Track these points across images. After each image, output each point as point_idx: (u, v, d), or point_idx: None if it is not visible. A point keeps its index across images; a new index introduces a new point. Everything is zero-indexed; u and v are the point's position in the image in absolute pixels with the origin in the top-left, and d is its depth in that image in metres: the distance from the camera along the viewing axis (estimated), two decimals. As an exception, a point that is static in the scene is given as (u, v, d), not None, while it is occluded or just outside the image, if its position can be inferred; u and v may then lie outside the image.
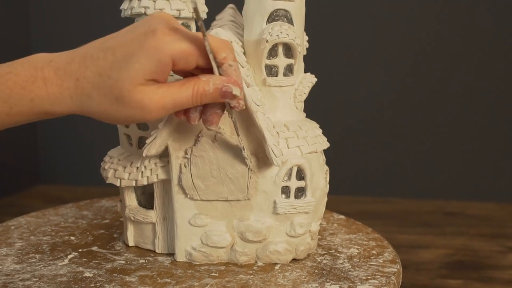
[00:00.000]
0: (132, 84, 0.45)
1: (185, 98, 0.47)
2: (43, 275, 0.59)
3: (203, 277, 0.58)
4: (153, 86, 0.46)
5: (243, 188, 0.60)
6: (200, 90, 0.48)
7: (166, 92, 0.46)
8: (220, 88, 0.48)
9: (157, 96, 0.46)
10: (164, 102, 0.46)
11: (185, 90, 0.47)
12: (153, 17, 0.47)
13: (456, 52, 1.89)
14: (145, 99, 0.45)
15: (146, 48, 0.45)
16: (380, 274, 0.60)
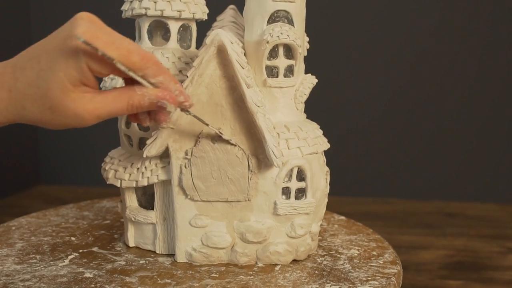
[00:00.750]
0: (62, 92, 0.45)
1: (120, 109, 0.48)
2: (44, 275, 0.59)
3: (204, 278, 0.59)
4: (87, 95, 0.46)
5: (243, 189, 0.60)
6: (136, 104, 0.48)
7: (100, 103, 0.46)
8: (156, 102, 0.49)
9: (91, 106, 0.46)
10: (99, 113, 0.47)
11: (120, 102, 0.47)
12: (75, 19, 0.46)
13: (456, 53, 1.89)
14: (79, 108, 0.45)
15: (66, 55, 0.44)
16: (381, 275, 0.60)
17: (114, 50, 0.45)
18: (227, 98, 0.58)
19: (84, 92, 0.46)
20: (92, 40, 0.44)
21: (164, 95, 0.49)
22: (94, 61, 0.45)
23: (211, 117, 0.59)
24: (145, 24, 0.64)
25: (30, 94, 0.45)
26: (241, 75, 0.56)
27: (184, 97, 0.51)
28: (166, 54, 0.63)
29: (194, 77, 0.57)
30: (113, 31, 0.47)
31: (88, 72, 0.45)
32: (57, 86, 0.44)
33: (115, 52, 0.45)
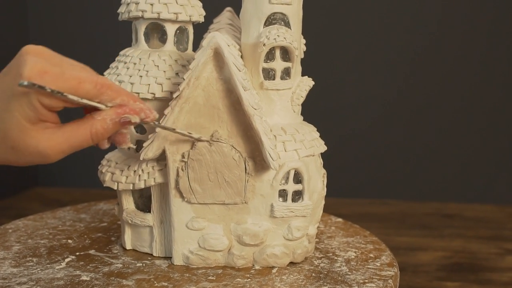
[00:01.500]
0: (20, 132, 0.44)
1: (84, 141, 0.47)
2: (40, 278, 0.59)
3: (200, 280, 0.58)
4: (47, 131, 0.45)
5: (240, 191, 0.60)
6: (100, 131, 0.47)
7: (61, 137, 0.45)
8: (118, 120, 0.48)
9: (52, 142, 0.45)
10: (62, 148, 0.46)
11: (82, 133, 0.46)
12: (21, 55, 0.44)
13: (454, 55, 1.89)
14: (40, 146, 0.45)
15: (17, 96, 0.44)
16: (378, 277, 0.60)
17: (64, 82, 0.44)
18: (223, 101, 0.58)
19: (44, 128, 0.45)
20: (40, 76, 0.43)
21: (124, 110, 0.48)
22: (45, 97, 0.44)
23: (207, 119, 0.59)
24: (142, 27, 0.64)
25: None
26: (237, 77, 0.56)
27: (145, 114, 0.50)
28: (163, 56, 0.63)
29: (190, 80, 0.57)
30: (63, 60, 0.46)
31: (42, 109, 0.44)
32: (15, 126, 0.44)
33: (65, 84, 0.44)
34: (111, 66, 0.65)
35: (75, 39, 2.04)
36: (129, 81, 0.62)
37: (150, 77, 0.61)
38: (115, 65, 0.65)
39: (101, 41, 1.98)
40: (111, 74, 0.64)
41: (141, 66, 0.62)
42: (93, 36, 2.01)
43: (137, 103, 0.49)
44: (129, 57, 0.64)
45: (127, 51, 0.65)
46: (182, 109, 0.58)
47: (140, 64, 0.63)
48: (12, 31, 1.99)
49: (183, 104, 0.58)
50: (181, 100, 0.58)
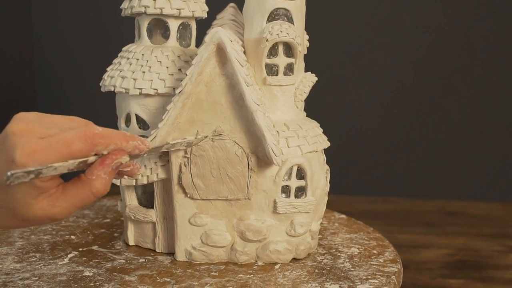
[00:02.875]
0: (27, 208, 0.45)
1: (87, 199, 0.47)
2: (43, 274, 0.59)
3: (203, 276, 0.58)
4: (51, 198, 0.46)
5: (243, 187, 0.60)
6: (100, 188, 0.47)
7: (65, 203, 0.46)
8: (111, 170, 0.47)
9: (58, 208, 0.46)
10: (68, 211, 0.46)
11: (84, 195, 0.47)
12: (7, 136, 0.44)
13: (458, 54, 1.89)
14: (48, 213, 0.45)
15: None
16: (381, 273, 0.60)
17: (55, 153, 0.44)
18: (226, 96, 0.58)
19: (47, 197, 0.46)
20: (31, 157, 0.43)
21: (111, 159, 0.47)
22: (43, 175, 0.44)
23: (210, 115, 0.59)
24: (145, 23, 0.64)
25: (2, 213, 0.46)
26: (240, 73, 0.56)
27: (139, 150, 0.49)
28: (166, 52, 0.63)
29: (193, 75, 0.57)
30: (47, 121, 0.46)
31: (42, 183, 0.45)
32: (20, 205, 0.45)
33: (56, 154, 0.44)
34: (114, 62, 0.65)
35: (78, 35, 2.04)
36: (131, 76, 0.62)
37: (153, 73, 0.61)
38: (117, 61, 0.65)
39: (103, 37, 1.98)
40: (113, 69, 0.64)
41: (143, 62, 0.62)
42: (96, 32, 2.01)
43: (130, 142, 0.48)
44: (132, 53, 0.64)
45: (130, 47, 0.65)
46: (185, 104, 0.58)
47: (143, 60, 0.62)
48: (16, 27, 1.99)
49: (186, 100, 0.58)
50: (183, 95, 0.58)
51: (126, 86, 0.62)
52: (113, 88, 0.63)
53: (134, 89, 0.61)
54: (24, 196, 0.44)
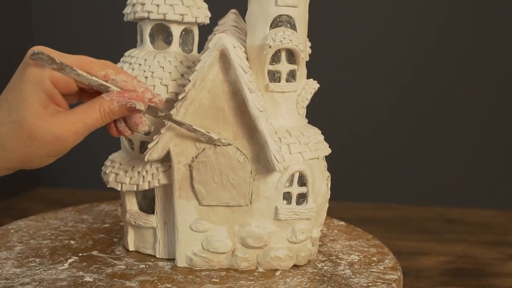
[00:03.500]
0: (36, 117, 0.45)
1: (95, 119, 0.49)
2: (43, 279, 0.58)
3: (204, 282, 0.58)
4: (60, 114, 0.47)
5: (244, 193, 0.60)
6: (107, 110, 0.49)
7: (74, 118, 0.47)
8: (125, 104, 0.49)
9: (67, 123, 0.47)
10: (77, 128, 0.48)
11: (93, 112, 0.48)
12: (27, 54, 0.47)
13: (457, 59, 1.89)
14: (55, 129, 0.46)
15: (27, 81, 0.46)
16: (381, 281, 0.60)
17: (70, 61, 0.47)
18: (229, 103, 0.58)
19: (57, 112, 0.47)
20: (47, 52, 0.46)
21: (131, 95, 0.50)
22: (57, 76, 0.46)
23: (213, 121, 0.59)
24: (147, 28, 0.64)
25: (7, 132, 0.46)
26: (243, 79, 0.56)
27: (152, 94, 0.52)
28: (168, 58, 0.63)
29: (196, 81, 0.57)
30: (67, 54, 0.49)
31: (53, 89, 0.47)
32: (30, 112, 0.45)
33: (71, 61, 0.47)
34: (116, 67, 0.65)
35: (80, 40, 2.04)
36: (134, 82, 0.61)
37: (156, 78, 0.61)
38: (120, 65, 0.65)
39: (106, 42, 1.98)
40: (116, 75, 0.64)
41: (146, 67, 0.62)
42: (98, 36, 2.02)
43: (142, 83, 0.51)
44: (134, 58, 0.64)
45: (132, 52, 0.65)
46: (187, 110, 0.58)
47: (145, 65, 0.62)
48: (17, 32, 1.99)
49: (188, 106, 0.58)
50: (186, 101, 0.58)
51: (128, 91, 0.61)
52: (115, 93, 0.63)
53: (136, 94, 0.61)
54: (34, 100, 0.45)
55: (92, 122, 0.48)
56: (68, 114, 0.47)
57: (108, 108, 0.49)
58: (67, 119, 0.47)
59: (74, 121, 0.47)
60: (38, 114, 0.45)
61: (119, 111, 0.50)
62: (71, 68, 0.46)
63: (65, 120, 0.47)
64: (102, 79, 0.49)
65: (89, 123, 0.48)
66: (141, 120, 0.52)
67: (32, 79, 0.46)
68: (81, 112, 0.48)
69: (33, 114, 0.45)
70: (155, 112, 0.54)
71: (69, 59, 0.48)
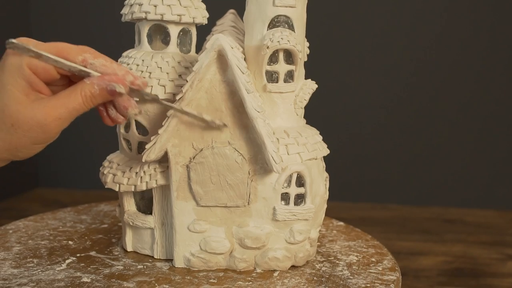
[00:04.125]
0: (17, 104, 0.46)
1: (77, 104, 0.49)
2: (41, 279, 0.58)
3: (202, 283, 0.58)
4: (42, 100, 0.47)
5: (242, 194, 0.60)
6: (88, 94, 0.49)
7: (56, 103, 0.47)
8: (105, 87, 0.49)
9: (49, 108, 0.47)
10: (59, 113, 0.47)
11: (75, 97, 0.48)
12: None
13: (455, 61, 1.89)
14: (38, 114, 0.46)
15: (5, 69, 0.46)
16: (379, 282, 0.60)
17: (46, 49, 0.47)
18: (226, 103, 0.58)
19: (39, 98, 0.47)
20: (29, 43, 0.46)
21: (111, 78, 0.49)
22: (34, 63, 0.47)
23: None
24: (145, 28, 0.64)
25: None
26: (241, 80, 0.56)
27: (133, 76, 0.51)
28: (166, 58, 0.63)
29: (194, 82, 0.57)
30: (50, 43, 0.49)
31: (33, 75, 0.47)
32: (11, 100, 0.46)
33: (47, 49, 0.47)
34: (114, 67, 0.65)
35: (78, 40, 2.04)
36: (132, 82, 0.61)
37: (153, 79, 0.61)
38: (118, 66, 0.65)
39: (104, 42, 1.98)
40: (114, 75, 0.64)
41: (144, 67, 0.62)
42: (96, 37, 2.01)
43: (122, 66, 0.51)
44: (132, 59, 0.64)
45: (130, 53, 0.65)
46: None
47: (143, 66, 0.62)
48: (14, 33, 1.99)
49: (186, 106, 0.58)
50: (183, 102, 0.58)
51: (126, 92, 0.61)
52: (113, 94, 0.63)
53: (134, 95, 0.61)
54: (15, 88, 0.46)
55: (74, 107, 0.48)
56: (50, 100, 0.47)
57: (89, 92, 0.49)
58: (49, 105, 0.47)
59: (56, 106, 0.47)
60: (19, 101, 0.46)
61: (101, 95, 0.49)
62: (47, 56, 0.47)
63: (47, 106, 0.47)
64: (80, 64, 0.49)
65: (71, 107, 0.48)
66: (130, 103, 0.52)
67: (10, 67, 0.46)
68: (63, 97, 0.48)
69: (14, 101, 0.45)
70: (141, 95, 0.54)
71: (46, 46, 0.48)
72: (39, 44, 0.48)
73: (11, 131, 0.46)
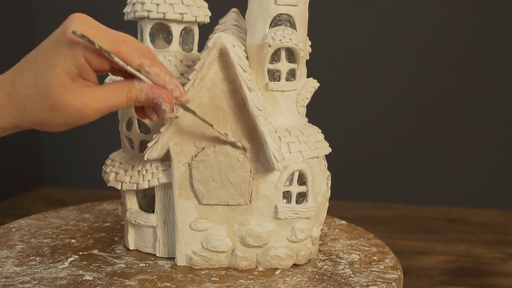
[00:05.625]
0: (61, 88, 0.45)
1: (120, 103, 0.48)
2: (43, 277, 0.59)
3: (203, 281, 0.58)
4: (87, 89, 0.46)
5: (244, 192, 0.60)
6: (134, 98, 0.49)
7: (100, 97, 0.47)
8: (152, 99, 0.49)
9: (92, 100, 0.46)
10: (100, 107, 0.47)
11: (120, 96, 0.48)
12: (69, 19, 0.47)
13: (458, 58, 1.89)
14: (79, 103, 0.46)
15: (61, 50, 0.45)
16: (381, 280, 0.60)
17: (108, 43, 0.46)
18: (228, 102, 0.58)
19: (84, 86, 0.46)
20: (86, 32, 0.45)
21: (161, 93, 0.49)
22: (91, 54, 0.46)
23: (212, 120, 0.59)
24: (147, 27, 0.64)
25: (30, 95, 0.45)
26: (243, 78, 0.56)
27: (180, 92, 0.51)
28: (168, 57, 0.63)
29: (195, 80, 0.57)
30: (107, 28, 0.48)
31: (86, 65, 0.46)
32: (56, 82, 0.45)
33: (109, 45, 0.46)
34: (116, 66, 0.65)
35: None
36: (134, 81, 0.62)
37: (155, 77, 0.61)
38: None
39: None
40: (116, 74, 0.64)
41: (146, 66, 0.62)
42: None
43: (174, 79, 0.51)
44: (135, 57, 0.64)
45: (132, 51, 0.65)
46: (187, 109, 0.58)
47: (145, 64, 0.62)
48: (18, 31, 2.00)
49: (188, 105, 0.58)
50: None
51: (128, 90, 0.61)
52: (115, 92, 0.63)
53: (136, 93, 0.61)
54: (64, 71, 0.45)
55: (116, 104, 0.48)
56: (95, 91, 0.47)
57: (135, 96, 0.49)
58: (94, 96, 0.46)
59: (100, 99, 0.47)
60: (64, 85, 0.45)
61: (145, 102, 0.50)
62: (108, 54, 0.46)
63: (91, 97, 0.46)
64: (136, 67, 0.48)
65: (113, 104, 0.48)
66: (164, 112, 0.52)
67: (66, 52, 0.45)
68: (108, 92, 0.47)
69: (59, 84, 0.45)
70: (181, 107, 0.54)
71: (109, 37, 0.46)
72: (102, 30, 0.47)
73: (48, 111, 0.46)
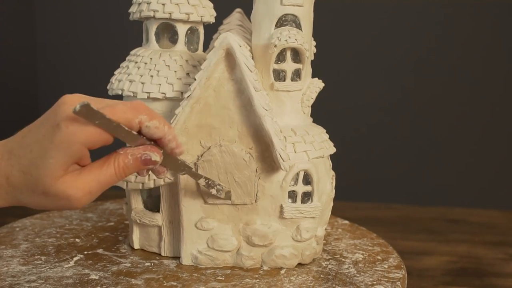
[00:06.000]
0: (52, 179, 0.45)
1: (109, 176, 0.47)
2: (49, 276, 0.59)
3: (209, 280, 0.58)
4: (74, 173, 0.46)
5: (249, 192, 0.60)
6: (121, 165, 0.47)
7: (88, 176, 0.46)
8: (139, 157, 0.48)
9: (80, 182, 0.46)
10: (90, 187, 0.46)
11: (107, 169, 0.47)
12: (58, 105, 0.45)
13: (460, 59, 1.89)
14: (69, 189, 0.45)
15: (56, 143, 0.44)
16: (386, 279, 0.60)
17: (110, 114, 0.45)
18: (234, 101, 0.59)
19: (74, 170, 0.46)
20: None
21: (145, 147, 0.48)
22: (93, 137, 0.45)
23: (218, 120, 0.59)
24: (153, 27, 0.64)
25: (24, 181, 0.46)
26: (249, 78, 0.57)
27: (176, 144, 0.50)
28: (174, 56, 0.63)
29: (202, 80, 0.57)
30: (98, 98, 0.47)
31: (82, 152, 0.45)
32: (48, 173, 0.45)
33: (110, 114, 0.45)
34: (122, 65, 0.66)
35: (85, 38, 2.04)
36: (140, 80, 0.62)
37: (161, 77, 0.62)
38: (125, 64, 0.65)
39: (111, 40, 1.98)
40: (121, 73, 0.64)
41: (152, 66, 0.63)
42: (104, 35, 2.02)
43: (171, 130, 0.49)
44: (140, 57, 0.64)
45: (138, 51, 0.65)
46: (193, 109, 0.58)
47: (151, 64, 0.63)
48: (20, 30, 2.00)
49: (194, 104, 0.58)
50: (192, 100, 0.58)
51: (134, 90, 0.62)
52: (120, 92, 0.63)
53: (142, 92, 0.61)
54: (57, 163, 0.44)
55: (106, 179, 0.47)
56: (83, 172, 0.46)
57: (122, 163, 0.47)
58: (81, 178, 0.46)
59: (88, 180, 0.46)
60: (55, 177, 0.45)
61: (134, 165, 0.48)
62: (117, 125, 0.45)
63: (78, 179, 0.46)
64: (136, 126, 0.47)
65: (103, 180, 0.47)
66: (163, 170, 0.51)
67: (63, 144, 0.44)
68: (96, 169, 0.47)
69: (50, 176, 0.45)
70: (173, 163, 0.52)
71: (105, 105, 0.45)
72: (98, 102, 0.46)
73: (41, 197, 0.46)
